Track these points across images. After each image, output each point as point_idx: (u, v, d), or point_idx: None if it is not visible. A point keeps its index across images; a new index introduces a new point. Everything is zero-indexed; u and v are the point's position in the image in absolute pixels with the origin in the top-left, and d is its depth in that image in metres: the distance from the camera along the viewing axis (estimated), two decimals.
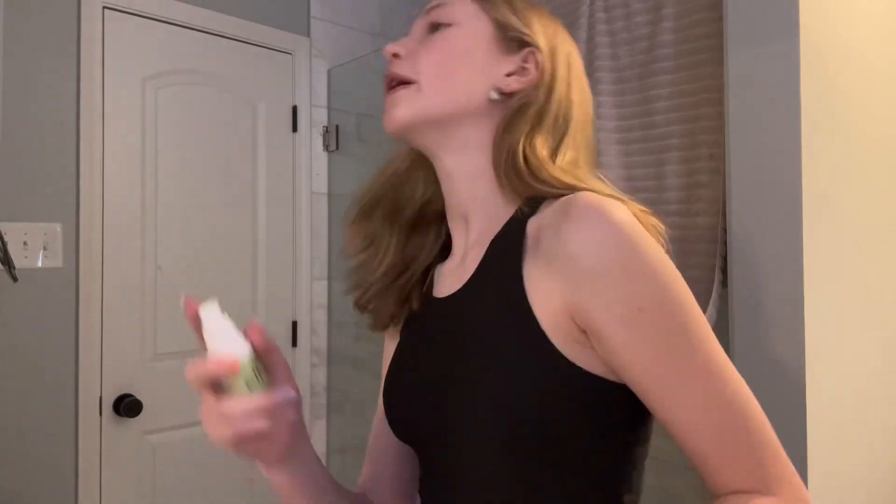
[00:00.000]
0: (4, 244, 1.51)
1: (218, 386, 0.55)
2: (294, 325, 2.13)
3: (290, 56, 2.14)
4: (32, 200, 1.62)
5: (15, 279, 1.51)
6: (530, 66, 0.66)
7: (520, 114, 0.64)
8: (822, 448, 1.05)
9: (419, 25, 0.69)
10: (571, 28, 1.50)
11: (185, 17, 1.89)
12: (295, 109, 2.15)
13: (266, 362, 0.57)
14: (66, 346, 1.66)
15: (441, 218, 0.73)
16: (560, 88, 0.66)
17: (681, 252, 1.30)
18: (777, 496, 0.50)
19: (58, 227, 1.65)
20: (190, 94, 1.91)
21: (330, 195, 2.23)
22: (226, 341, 0.55)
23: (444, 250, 0.73)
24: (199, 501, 1.89)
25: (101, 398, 1.71)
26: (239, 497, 1.98)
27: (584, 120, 0.67)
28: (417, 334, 0.69)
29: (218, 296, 2.19)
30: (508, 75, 0.66)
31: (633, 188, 1.38)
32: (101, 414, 1.71)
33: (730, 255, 1.13)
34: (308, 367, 2.16)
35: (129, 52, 1.79)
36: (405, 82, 0.64)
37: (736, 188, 1.12)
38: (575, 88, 0.68)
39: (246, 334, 0.55)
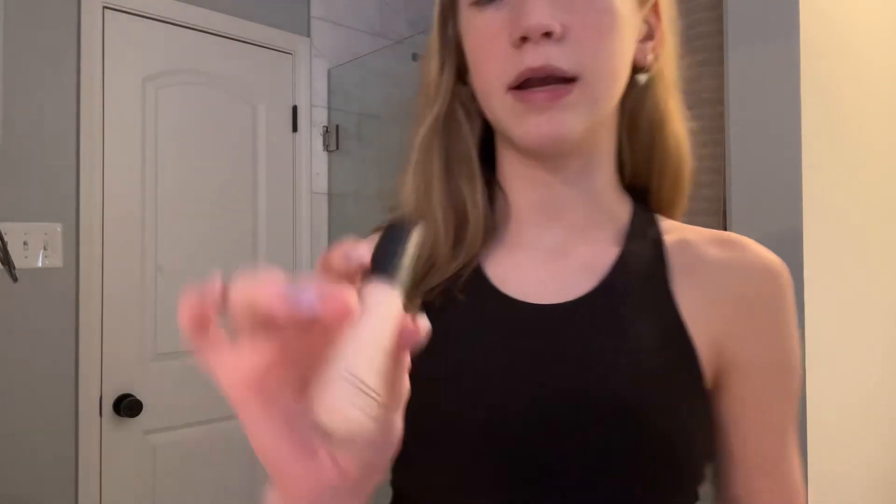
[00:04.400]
0: (4, 244, 1.51)
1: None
2: None
3: (290, 56, 2.14)
4: (32, 200, 1.61)
5: (15, 279, 1.51)
6: (653, 21, 0.53)
7: (663, 95, 0.53)
8: (822, 448, 1.05)
9: None
10: None
11: (185, 17, 1.89)
12: (295, 109, 2.15)
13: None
14: (66, 346, 1.66)
15: None
16: (672, 42, 0.55)
17: None
18: None
19: (58, 227, 1.65)
20: (190, 94, 1.91)
21: (330, 195, 2.22)
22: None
23: None
24: (199, 501, 1.88)
25: (101, 398, 1.71)
26: (239, 497, 1.97)
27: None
28: (496, 341, 0.51)
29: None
30: (642, 41, 0.52)
31: None
32: (101, 414, 1.71)
33: None
34: None
35: (129, 52, 1.79)
36: (564, 79, 0.47)
37: (736, 188, 1.12)
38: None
39: None
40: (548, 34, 0.45)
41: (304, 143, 2.16)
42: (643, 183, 0.57)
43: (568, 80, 0.46)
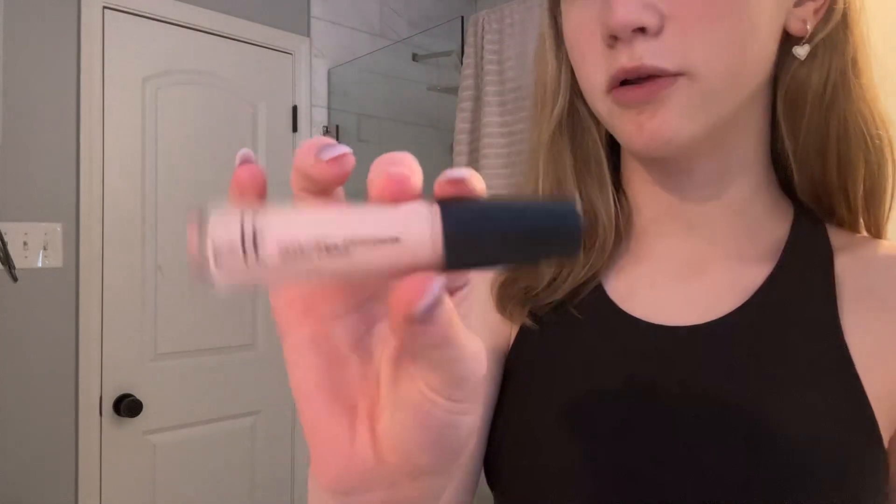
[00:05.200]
0: (4, 244, 1.51)
1: None
2: None
3: (290, 56, 2.14)
4: (32, 200, 1.61)
5: (15, 279, 1.51)
6: None
7: (837, 69, 0.42)
8: None
9: None
10: None
11: (185, 17, 1.89)
12: (295, 109, 2.15)
13: None
14: (66, 346, 1.66)
15: None
16: (856, 3, 0.44)
17: None
18: None
19: (58, 227, 1.65)
20: (190, 94, 1.91)
21: None
22: None
23: None
24: (199, 501, 1.88)
25: (101, 398, 1.71)
26: (239, 497, 1.97)
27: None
28: (620, 365, 0.45)
29: (218, 296, 2.15)
30: (797, 4, 0.42)
31: None
32: (101, 414, 1.71)
33: None
34: None
35: (129, 52, 1.79)
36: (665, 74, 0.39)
37: None
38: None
39: None
40: (641, 29, 0.38)
41: None
42: (819, 185, 0.46)
43: (674, 75, 0.39)
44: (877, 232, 0.46)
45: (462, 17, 1.91)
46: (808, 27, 0.42)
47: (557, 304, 0.47)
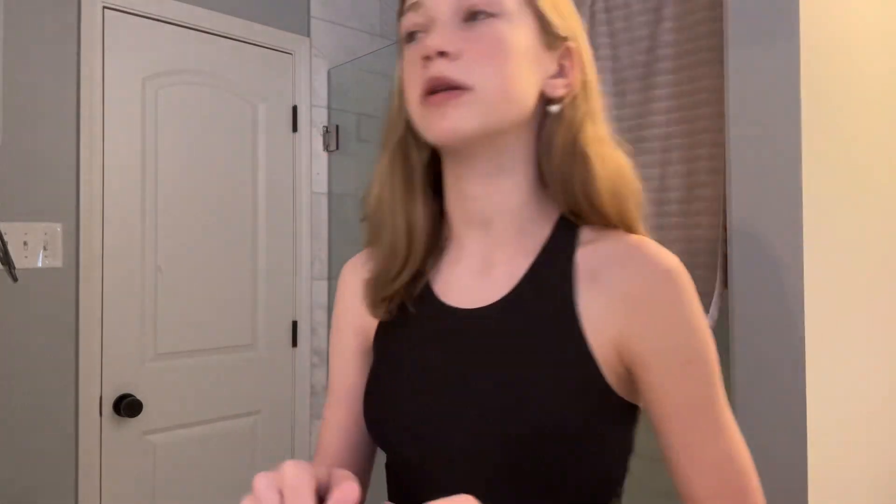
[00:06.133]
0: (4, 244, 1.51)
1: None
2: (294, 325, 2.13)
3: (290, 56, 2.14)
4: (32, 200, 1.61)
5: (15, 279, 1.51)
6: (567, 63, 0.61)
7: (577, 123, 0.60)
8: (822, 448, 1.05)
9: (450, 7, 0.58)
10: None
11: (185, 17, 1.89)
12: (295, 109, 2.15)
13: None
14: (66, 346, 1.66)
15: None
16: (593, 82, 0.63)
17: (684, 252, 1.30)
18: None
19: (58, 227, 1.65)
20: (190, 94, 1.91)
21: (330, 195, 2.23)
22: None
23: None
24: (199, 501, 1.88)
25: (101, 398, 1.71)
26: (239, 497, 1.97)
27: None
28: (428, 341, 0.62)
29: (218, 296, 2.17)
30: (553, 78, 0.61)
31: None
32: (101, 414, 1.71)
33: (730, 255, 1.13)
34: (308, 367, 2.16)
35: (129, 52, 1.79)
36: (456, 87, 0.56)
37: (736, 188, 1.12)
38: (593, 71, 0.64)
39: None
40: (443, 54, 0.56)
41: (304, 143, 2.16)
42: (571, 201, 0.61)
43: (463, 89, 0.56)
44: (628, 229, 0.61)
45: None
46: (559, 94, 0.60)
47: (401, 303, 0.64)
